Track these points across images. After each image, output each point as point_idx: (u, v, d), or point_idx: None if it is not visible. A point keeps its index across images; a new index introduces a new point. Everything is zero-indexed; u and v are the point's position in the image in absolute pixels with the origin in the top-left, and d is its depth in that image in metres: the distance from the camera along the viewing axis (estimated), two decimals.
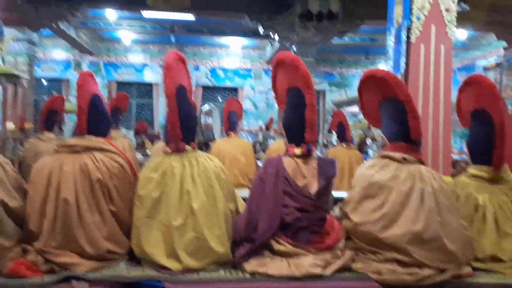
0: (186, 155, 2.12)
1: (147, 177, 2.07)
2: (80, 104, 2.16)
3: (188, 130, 2.15)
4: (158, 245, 1.96)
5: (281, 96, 2.41)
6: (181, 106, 2.11)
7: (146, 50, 12.37)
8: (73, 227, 1.94)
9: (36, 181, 2.03)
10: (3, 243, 1.89)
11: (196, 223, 1.97)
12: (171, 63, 2.12)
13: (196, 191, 2.02)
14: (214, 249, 1.97)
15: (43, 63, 11.91)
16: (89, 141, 2.14)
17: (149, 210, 2.01)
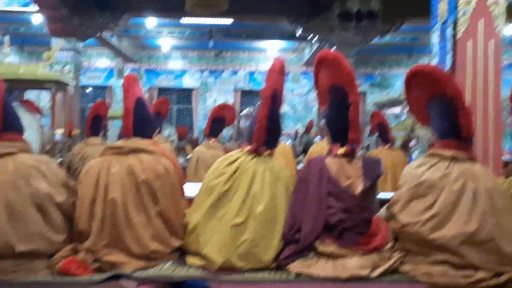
0: (263, 160, 2.14)
1: (220, 169, 2.12)
2: (126, 106, 2.20)
3: (272, 136, 2.18)
4: (213, 236, 1.99)
5: (323, 95, 2.37)
6: (273, 110, 2.14)
7: (185, 56, 12.59)
8: (120, 227, 1.99)
9: (85, 182, 2.10)
10: (54, 237, 1.96)
11: (254, 227, 1.98)
12: (276, 68, 2.19)
13: (262, 196, 2.03)
14: (263, 259, 1.97)
15: (88, 72, 12.33)
16: (135, 143, 2.19)
17: (215, 201, 2.05)
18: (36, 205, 1.93)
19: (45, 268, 1.92)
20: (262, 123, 2.14)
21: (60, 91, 4.30)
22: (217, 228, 2.01)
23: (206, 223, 2.04)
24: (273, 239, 2.02)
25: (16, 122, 2.13)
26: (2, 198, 1.88)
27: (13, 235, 1.85)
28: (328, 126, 2.27)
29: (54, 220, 1.99)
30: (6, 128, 2.05)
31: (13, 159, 2.00)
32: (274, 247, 2.01)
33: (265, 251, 1.99)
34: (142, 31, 10.30)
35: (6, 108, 2.07)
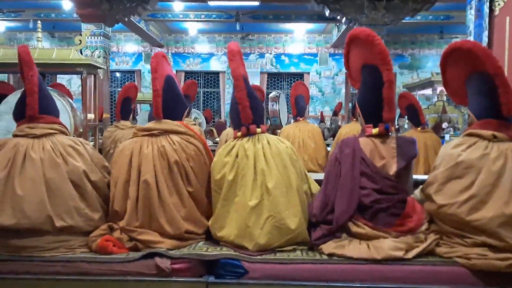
0: (257, 138, 2.12)
1: (221, 161, 2.10)
2: (155, 87, 2.20)
3: (257, 112, 2.15)
4: (236, 226, 1.99)
5: (355, 74, 2.33)
6: (248, 88, 2.13)
7: (212, 40, 12.58)
8: (153, 208, 2.01)
9: (119, 163, 2.13)
10: (90, 214, 2.01)
11: (272, 202, 1.97)
12: (235, 49, 2.17)
13: (270, 171, 2.01)
14: (291, 228, 1.96)
15: (117, 56, 12.49)
16: (165, 124, 2.20)
17: (226, 193, 2.04)
18: (73, 182, 1.98)
19: (83, 246, 1.98)
20: (244, 102, 2.11)
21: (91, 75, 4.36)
22: (237, 217, 2.00)
23: (225, 217, 2.04)
24: (294, 207, 2.00)
25: (52, 105, 2.18)
26: (42, 175, 1.93)
27: (52, 211, 1.90)
28: (360, 106, 2.22)
29: (90, 198, 2.03)
30: (42, 111, 2.09)
31: (50, 139, 2.05)
32: (297, 216, 1.99)
33: (290, 221, 1.97)
34: (169, 15, 10.33)
35: (42, 91, 2.11)
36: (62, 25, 11.05)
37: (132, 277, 1.87)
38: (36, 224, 1.88)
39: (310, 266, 1.90)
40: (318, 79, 12.48)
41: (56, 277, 1.87)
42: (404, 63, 12.29)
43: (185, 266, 1.90)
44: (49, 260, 1.89)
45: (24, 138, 2.02)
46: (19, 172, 1.93)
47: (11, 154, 1.97)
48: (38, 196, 1.90)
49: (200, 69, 12.75)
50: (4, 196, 1.90)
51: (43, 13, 10.02)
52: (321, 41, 12.40)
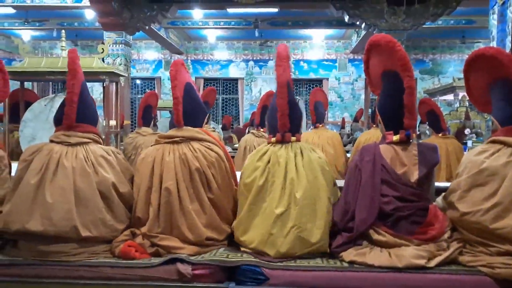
0: (291, 146, 2.13)
1: (252, 165, 2.11)
2: (175, 95, 2.23)
3: (295, 121, 2.16)
4: (259, 232, 2.00)
5: (375, 80, 2.32)
6: (290, 96, 2.14)
7: (231, 46, 12.66)
8: (175, 215, 2.04)
9: (141, 170, 2.16)
10: (116, 226, 2.05)
11: (298, 212, 1.97)
12: (284, 54, 2.16)
13: (300, 181, 2.02)
14: (312, 241, 1.97)
15: (137, 64, 12.68)
16: (186, 131, 2.22)
17: (254, 197, 2.05)
18: (101, 193, 2.01)
19: (106, 251, 2.01)
20: (284, 110, 2.12)
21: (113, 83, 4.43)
22: (262, 222, 2.01)
23: (250, 221, 2.05)
24: (319, 220, 2.00)
25: (89, 114, 2.19)
26: (72, 184, 1.97)
27: (78, 221, 1.93)
28: (381, 113, 2.21)
29: (117, 209, 2.06)
30: (80, 120, 2.12)
31: (84, 148, 2.08)
32: (321, 229, 1.99)
33: (313, 234, 1.97)
34: (189, 22, 10.45)
35: (83, 99, 2.14)
36: (85, 33, 11.29)
37: (153, 282, 1.90)
38: (62, 232, 1.92)
39: (330, 274, 1.89)
40: (337, 85, 12.43)
41: (80, 281, 1.91)
42: (425, 68, 12.15)
43: (206, 272, 1.92)
44: (73, 265, 1.93)
45: (59, 145, 2.07)
46: (51, 179, 1.97)
47: (45, 160, 2.01)
48: (67, 205, 1.93)
49: (219, 75, 12.84)
50: (34, 202, 1.94)
51: (66, 22, 10.25)
52: (340, 47, 12.36)
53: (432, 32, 10.63)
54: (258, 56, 12.63)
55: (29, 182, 1.97)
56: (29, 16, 9.78)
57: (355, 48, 11.31)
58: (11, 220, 1.95)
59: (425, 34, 10.81)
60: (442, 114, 4.70)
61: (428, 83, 11.85)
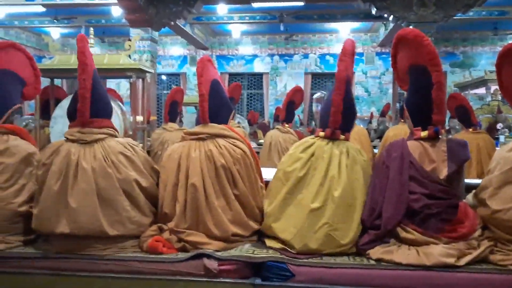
0: (338, 144, 2.12)
1: (295, 155, 2.12)
2: (201, 92, 2.23)
3: (347, 120, 2.16)
4: (291, 222, 2.00)
5: (403, 75, 2.28)
6: (347, 93, 2.12)
7: (256, 41, 12.64)
8: (201, 211, 2.05)
9: (168, 166, 2.18)
10: (142, 221, 2.08)
11: (333, 211, 1.97)
12: (349, 49, 2.15)
13: (340, 180, 2.01)
14: (342, 242, 1.96)
15: (163, 60, 12.82)
16: (212, 128, 2.23)
17: (291, 187, 2.06)
18: (124, 191, 2.02)
19: (135, 246, 2.05)
20: (338, 107, 2.10)
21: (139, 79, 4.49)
22: (295, 213, 2.02)
23: (283, 209, 2.06)
24: (352, 222, 1.99)
25: (103, 107, 2.16)
26: (94, 187, 1.98)
27: (105, 222, 1.96)
28: (408, 108, 2.17)
29: (141, 205, 2.09)
30: (93, 115, 2.09)
31: (101, 145, 2.07)
32: (353, 231, 1.98)
33: (344, 235, 1.97)
34: (214, 17, 10.48)
35: (96, 93, 2.10)
36: (112, 30, 11.47)
37: (181, 277, 1.92)
38: (90, 233, 1.96)
39: (357, 271, 1.87)
40: (364, 78, 12.26)
41: (110, 274, 1.95)
42: (455, 61, 11.84)
43: (232, 267, 1.93)
44: (103, 259, 1.97)
45: (75, 144, 2.06)
46: (72, 183, 1.98)
47: (64, 164, 2.01)
48: (91, 208, 1.96)
49: (244, 70, 12.86)
50: (59, 207, 1.97)
51: (94, 19, 10.44)
52: (367, 40, 12.18)
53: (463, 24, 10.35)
54: (284, 51, 12.57)
55: (52, 188, 1.99)
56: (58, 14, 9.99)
57: (383, 41, 11.13)
58: (40, 224, 2.01)
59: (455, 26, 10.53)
60: (471, 108, 4.58)
61: (458, 76, 11.55)
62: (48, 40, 4.37)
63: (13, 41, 2.65)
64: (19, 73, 2.34)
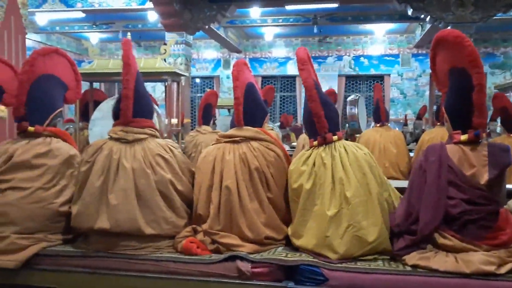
0: (334, 146, 2.10)
1: (297, 170, 2.10)
2: (236, 96, 2.26)
3: (332, 120, 2.14)
4: (314, 235, 1.98)
5: (442, 78, 2.22)
6: (321, 96, 2.12)
7: (289, 43, 12.63)
8: (235, 213, 2.07)
9: (202, 168, 2.21)
10: (177, 222, 2.12)
11: (351, 211, 1.94)
12: (303, 57, 2.15)
13: (349, 179, 1.99)
14: (370, 240, 1.92)
15: (197, 63, 12.99)
16: (246, 131, 2.25)
17: (304, 202, 2.04)
18: (160, 192, 2.08)
19: (169, 246, 2.08)
20: (318, 112, 2.09)
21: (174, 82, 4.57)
22: (315, 226, 1.99)
23: (303, 225, 2.03)
24: (373, 217, 1.95)
25: (145, 107, 2.23)
26: (133, 186, 2.04)
27: (142, 221, 2.02)
28: (447, 111, 2.12)
29: (176, 206, 2.13)
30: (136, 114, 2.17)
31: (142, 145, 2.14)
32: (377, 226, 1.94)
33: (369, 232, 1.93)
34: (247, 21, 10.55)
35: (138, 94, 2.18)
36: (148, 34, 11.73)
37: (214, 278, 1.94)
38: (127, 231, 2.02)
39: (392, 277, 1.84)
40: (400, 80, 12.04)
41: (146, 274, 1.99)
42: (495, 62, 11.45)
43: (265, 270, 1.93)
44: (139, 259, 2.01)
45: (117, 143, 2.14)
46: (113, 180, 2.06)
47: (106, 162, 2.09)
48: (130, 207, 2.02)
49: (277, 73, 12.86)
50: (100, 203, 2.05)
51: (131, 24, 10.71)
52: (403, 41, 11.96)
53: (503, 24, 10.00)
54: (317, 53, 12.50)
55: (94, 184, 2.07)
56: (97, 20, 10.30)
57: (419, 42, 10.89)
58: (80, 220, 2.08)
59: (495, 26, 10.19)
60: None
61: (499, 78, 11.17)
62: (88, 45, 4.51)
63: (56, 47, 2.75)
64: (62, 77, 2.43)
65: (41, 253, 2.07)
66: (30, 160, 2.15)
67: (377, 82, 11.72)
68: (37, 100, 2.27)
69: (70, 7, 8.55)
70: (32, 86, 2.26)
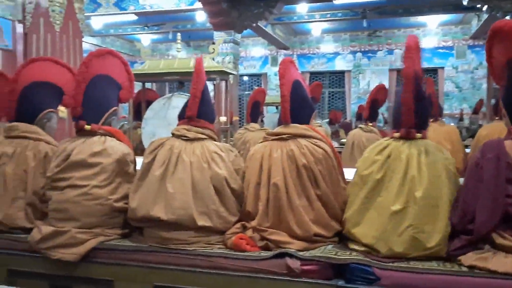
0: (416, 143, 2.04)
1: (371, 158, 2.07)
2: (283, 93, 2.26)
3: (421, 117, 2.07)
4: (372, 227, 1.95)
5: (499, 70, 2.11)
6: (418, 91, 2.04)
7: (338, 39, 12.45)
8: (283, 210, 2.08)
9: (250, 166, 2.24)
10: (228, 218, 2.16)
11: (417, 212, 1.88)
12: (413, 45, 2.08)
13: (421, 179, 1.92)
14: (429, 246, 1.86)
15: (244, 61, 13.08)
16: (293, 128, 2.25)
17: (369, 190, 2.01)
18: (215, 187, 2.14)
19: (219, 242, 2.12)
20: (409, 106, 2.01)
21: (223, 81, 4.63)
22: (376, 217, 1.96)
23: (363, 214, 2.00)
24: (437, 223, 1.88)
25: (208, 112, 2.34)
26: (190, 177, 2.13)
27: (195, 211, 2.09)
28: (505, 105, 2.02)
29: (229, 202, 2.17)
30: (200, 115, 2.28)
31: (201, 144, 2.23)
32: (439, 233, 1.87)
33: (430, 237, 1.87)
34: (295, 17, 10.50)
35: (204, 98, 2.30)
36: (196, 34, 11.95)
37: (263, 274, 1.95)
38: (181, 220, 2.08)
39: (447, 278, 1.77)
40: (455, 73, 11.56)
41: (196, 269, 2.04)
42: None
43: (314, 268, 1.92)
44: (190, 254, 2.06)
45: (179, 140, 2.24)
46: (172, 171, 2.16)
47: (168, 154, 2.20)
48: (185, 196, 2.10)
49: (325, 69, 12.72)
50: (159, 191, 2.14)
51: (180, 25, 10.95)
52: (458, 32, 11.46)
53: None
54: (367, 47, 12.24)
55: (154, 174, 2.17)
56: (148, 21, 10.63)
57: (476, 33, 10.41)
58: (138, 207, 2.16)
59: None
60: None
61: None
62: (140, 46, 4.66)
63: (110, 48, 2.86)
64: (116, 77, 2.53)
65: (99, 247, 2.16)
66: (86, 159, 2.25)
67: (430, 76, 11.33)
68: (93, 100, 2.37)
69: (123, 10, 8.87)
70: (88, 86, 2.36)
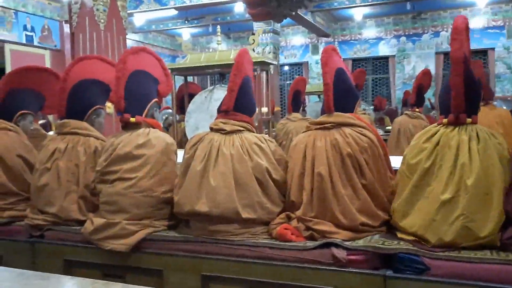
0: (465, 128, 1.95)
1: (419, 146, 2.01)
2: (326, 82, 2.23)
3: (472, 102, 1.98)
4: (421, 217, 1.90)
5: None
6: (468, 73, 1.95)
7: (380, 23, 12.10)
8: (328, 200, 2.06)
9: (294, 156, 2.23)
10: (272, 208, 2.17)
11: (468, 201, 1.81)
12: (461, 26, 1.99)
13: (472, 167, 1.84)
14: (481, 235, 1.79)
15: (285, 50, 12.98)
16: (337, 117, 2.22)
17: (418, 179, 1.95)
18: (257, 178, 2.14)
19: (264, 232, 2.14)
20: (459, 89, 1.91)
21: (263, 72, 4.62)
22: (425, 207, 1.89)
23: (412, 204, 1.95)
24: (490, 212, 1.80)
25: (247, 105, 2.34)
26: (231, 170, 2.14)
27: (239, 203, 2.10)
28: None
29: (272, 193, 2.18)
30: (236, 109, 2.29)
31: (239, 136, 2.24)
32: (492, 222, 1.79)
33: (482, 226, 1.79)
34: (335, 3, 10.28)
35: (243, 91, 2.30)
36: (236, 26, 11.96)
37: (309, 264, 1.95)
38: (225, 213, 2.10)
39: (501, 267, 1.71)
40: (506, 54, 10.96)
41: (243, 259, 2.06)
42: None
43: (361, 258, 1.90)
44: (237, 244, 2.09)
45: (217, 134, 2.27)
46: (213, 165, 2.18)
47: (207, 149, 2.23)
48: (228, 189, 2.12)
49: (368, 55, 12.41)
50: (201, 186, 2.17)
51: (219, 17, 11.01)
52: (509, 11, 10.85)
53: None
54: (411, 31, 11.82)
55: (196, 168, 2.20)
56: (188, 15, 10.75)
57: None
58: (183, 202, 2.20)
59: None
60: None
61: None
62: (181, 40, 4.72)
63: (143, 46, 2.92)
64: (152, 72, 2.60)
65: (148, 238, 2.23)
66: (131, 151, 2.32)
67: (479, 58, 10.81)
68: (134, 93, 2.44)
69: (163, 5, 9.01)
70: (128, 81, 2.43)
